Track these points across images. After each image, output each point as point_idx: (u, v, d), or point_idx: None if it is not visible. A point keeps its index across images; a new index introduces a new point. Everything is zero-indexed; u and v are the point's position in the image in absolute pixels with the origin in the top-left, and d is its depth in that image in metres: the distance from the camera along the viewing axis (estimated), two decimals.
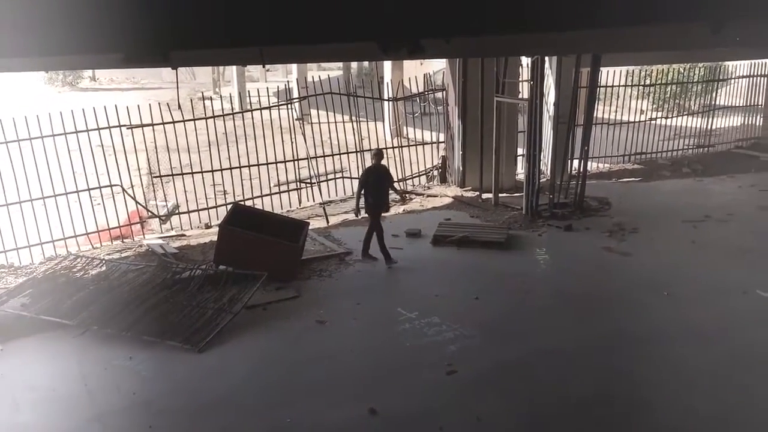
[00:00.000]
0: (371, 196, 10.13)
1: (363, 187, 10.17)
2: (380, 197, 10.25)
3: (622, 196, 14.02)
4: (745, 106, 18.86)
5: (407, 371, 7.33)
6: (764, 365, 7.30)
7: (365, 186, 10.15)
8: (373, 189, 10.14)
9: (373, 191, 10.14)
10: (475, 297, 9.15)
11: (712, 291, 9.18)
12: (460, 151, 14.48)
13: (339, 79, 15.63)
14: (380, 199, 10.26)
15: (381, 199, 10.27)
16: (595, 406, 6.58)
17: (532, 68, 12.36)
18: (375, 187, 10.14)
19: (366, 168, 10.67)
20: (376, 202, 10.18)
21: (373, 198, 10.14)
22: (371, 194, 10.13)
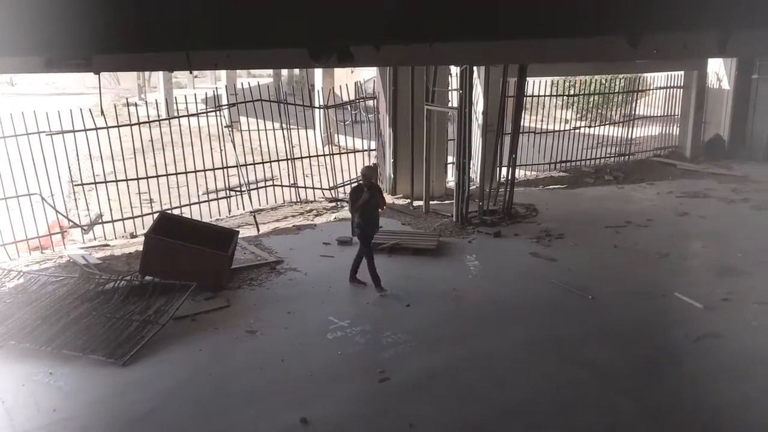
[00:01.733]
0: (361, 218, 9.37)
1: (354, 207, 9.37)
2: (371, 219, 9.47)
3: (549, 202, 14.38)
4: (662, 116, 19.68)
5: (339, 379, 7.29)
6: (680, 364, 7.59)
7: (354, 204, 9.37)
8: (365, 210, 9.35)
9: (364, 212, 9.36)
10: (407, 304, 9.19)
11: (634, 294, 9.50)
12: (391, 159, 14.57)
13: (269, 87, 15.46)
14: (371, 220, 9.47)
15: (372, 221, 9.49)
16: (524, 411, 6.69)
17: (461, 77, 12.55)
18: (366, 208, 9.34)
19: (354, 187, 9.83)
20: (367, 223, 9.41)
21: (363, 220, 9.37)
22: (361, 216, 9.37)
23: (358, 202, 9.29)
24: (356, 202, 9.33)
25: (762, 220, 13.13)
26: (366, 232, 9.44)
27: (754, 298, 9.23)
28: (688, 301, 9.16)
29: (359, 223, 9.38)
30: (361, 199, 9.27)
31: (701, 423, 6.48)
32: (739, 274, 10.20)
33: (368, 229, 9.47)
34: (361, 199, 9.27)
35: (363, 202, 9.27)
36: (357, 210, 9.34)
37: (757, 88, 18.66)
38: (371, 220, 9.46)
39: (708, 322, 8.54)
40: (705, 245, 11.96)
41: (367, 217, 9.39)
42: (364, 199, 9.25)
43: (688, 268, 10.84)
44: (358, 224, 9.39)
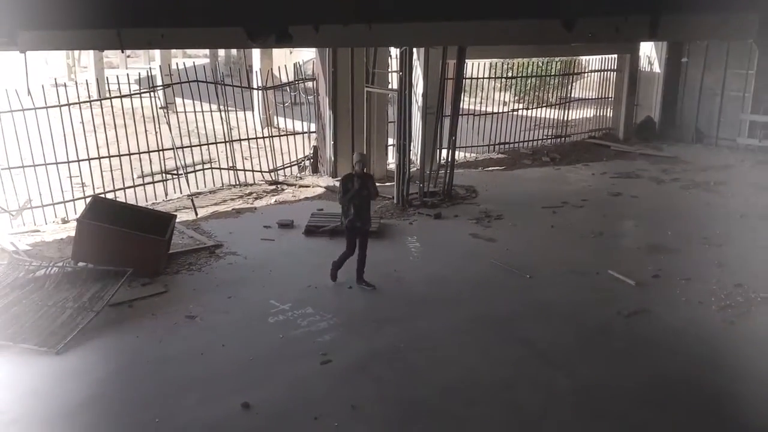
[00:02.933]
0: (353, 208, 8.82)
1: (344, 197, 8.84)
2: (362, 210, 8.93)
3: (488, 184, 14.57)
4: (597, 98, 20.13)
5: (281, 363, 7.27)
6: (613, 339, 7.84)
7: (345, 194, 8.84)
8: (356, 200, 8.81)
9: (355, 200, 8.81)
10: (349, 286, 9.20)
11: (570, 272, 9.75)
12: (332, 141, 14.48)
13: (205, 67, 15.13)
14: (362, 212, 8.93)
15: (363, 213, 8.95)
16: (464, 389, 6.81)
17: (400, 59, 12.54)
18: (358, 198, 8.82)
19: (346, 174, 9.12)
20: (357, 215, 8.86)
21: (354, 209, 8.82)
22: (354, 206, 8.82)
23: (350, 192, 8.78)
24: (347, 191, 8.80)
25: (690, 199, 13.63)
26: (355, 225, 8.89)
27: (681, 274, 9.59)
28: (620, 279, 9.46)
29: (351, 216, 8.82)
30: (353, 189, 8.77)
31: (633, 396, 6.72)
32: (668, 251, 10.58)
33: (357, 222, 8.90)
34: (353, 188, 8.77)
35: (354, 192, 8.78)
36: (348, 201, 8.81)
37: (687, 71, 19.26)
38: (362, 212, 8.92)
39: (639, 299, 8.85)
40: (637, 224, 12.35)
41: (358, 207, 8.85)
42: (355, 189, 8.77)
43: (620, 246, 11.17)
44: (349, 216, 8.83)
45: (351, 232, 8.95)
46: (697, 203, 13.34)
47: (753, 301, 8.75)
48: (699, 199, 13.58)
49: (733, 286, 9.16)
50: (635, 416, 6.40)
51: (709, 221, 12.07)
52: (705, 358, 7.45)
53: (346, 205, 8.86)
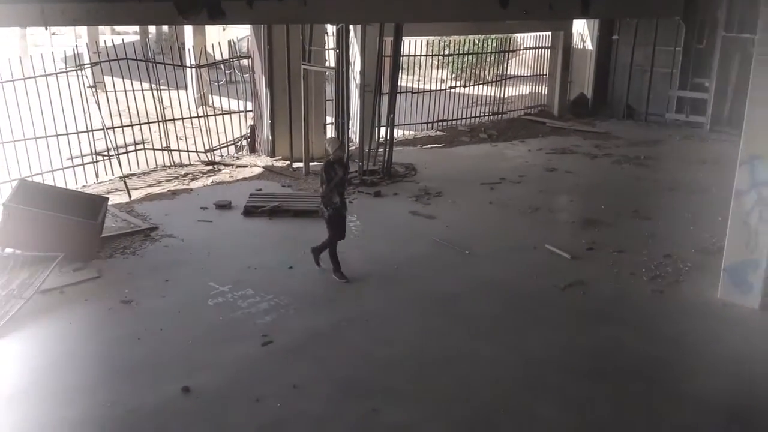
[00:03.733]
0: (338, 196, 8.52)
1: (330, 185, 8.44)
2: (344, 197, 8.71)
3: (427, 161, 14.65)
4: (532, 75, 20.42)
5: (221, 345, 7.18)
6: (551, 311, 8.04)
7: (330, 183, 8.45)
8: (339, 187, 8.56)
9: (339, 188, 8.55)
10: (290, 266, 9.13)
11: (508, 248, 9.92)
12: (269, 120, 14.28)
13: (135, 45, 14.64)
14: (343, 198, 8.69)
15: (345, 200, 8.74)
16: (407, 366, 6.87)
17: (337, 36, 12.43)
18: (340, 185, 8.57)
19: (327, 161, 8.64)
20: (343, 201, 8.62)
21: (339, 197, 8.55)
22: (338, 193, 8.52)
23: (334, 180, 8.45)
24: (332, 179, 8.45)
25: (622, 174, 14.02)
26: (341, 213, 8.63)
27: (613, 246, 9.88)
28: (557, 252, 9.68)
29: (336, 203, 8.51)
30: (337, 176, 8.47)
31: (572, 366, 6.91)
32: (602, 225, 10.88)
33: (344, 210, 8.67)
34: (337, 175, 8.47)
35: (339, 179, 8.49)
36: (333, 189, 8.48)
37: (617, 49, 19.73)
38: (344, 199, 8.72)
39: (574, 271, 9.08)
40: (572, 199, 12.64)
41: (340, 195, 8.59)
42: (340, 176, 8.49)
43: (556, 221, 11.42)
44: (336, 205, 8.53)
45: (337, 219, 8.61)
46: (629, 177, 13.74)
47: (681, 271, 9.08)
48: (630, 174, 13.99)
49: (662, 257, 9.49)
50: (574, 385, 6.58)
51: (639, 195, 12.46)
52: (636, 326, 7.72)
53: (331, 193, 8.49)
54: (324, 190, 8.56)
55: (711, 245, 9.81)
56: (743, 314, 7.90)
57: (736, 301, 8.08)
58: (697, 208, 11.57)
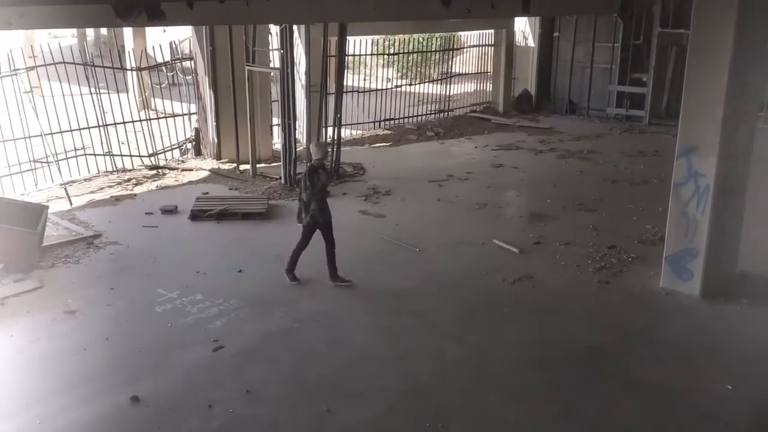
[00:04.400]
0: (316, 203, 8.25)
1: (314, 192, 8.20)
2: (325, 204, 8.45)
3: (375, 160, 14.67)
4: (476, 73, 20.65)
5: (171, 353, 7.05)
6: (500, 306, 8.15)
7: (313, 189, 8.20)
8: (319, 194, 8.30)
9: (318, 195, 8.29)
10: (239, 270, 9.03)
11: (457, 244, 10.01)
12: (214, 123, 14.08)
13: (73, 48, 14.22)
14: (325, 206, 8.44)
15: (326, 207, 8.46)
16: (360, 365, 6.87)
17: (281, 37, 12.32)
18: (321, 192, 8.34)
19: (310, 166, 8.47)
20: (321, 210, 8.34)
21: (318, 204, 8.28)
22: (316, 200, 8.26)
23: (317, 186, 8.21)
24: (315, 186, 8.20)
25: (566, 168, 14.29)
26: (318, 221, 8.37)
27: (560, 239, 10.07)
28: (505, 247, 9.81)
29: (314, 211, 8.27)
30: (320, 182, 8.24)
31: (521, 357, 7.03)
32: (548, 218, 11.08)
33: (322, 217, 8.40)
34: (320, 182, 8.24)
35: (322, 186, 8.28)
36: (315, 195, 8.24)
37: (558, 45, 20.11)
38: (325, 205, 8.46)
39: (523, 265, 9.22)
40: (518, 194, 12.83)
41: (320, 201, 8.36)
42: (323, 182, 8.28)
43: (504, 216, 11.57)
44: (313, 213, 8.27)
45: (312, 228, 8.42)
46: (573, 171, 14.01)
47: (625, 261, 9.31)
48: (574, 168, 14.27)
49: (607, 248, 9.72)
50: (523, 376, 6.69)
51: (583, 188, 12.73)
52: (584, 316, 7.90)
53: (311, 200, 8.25)
54: (306, 197, 8.28)
55: (653, 235, 10.09)
56: (685, 301, 8.15)
57: (678, 289, 8.32)
58: (639, 199, 11.89)
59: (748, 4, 7.58)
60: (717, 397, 6.35)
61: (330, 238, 8.54)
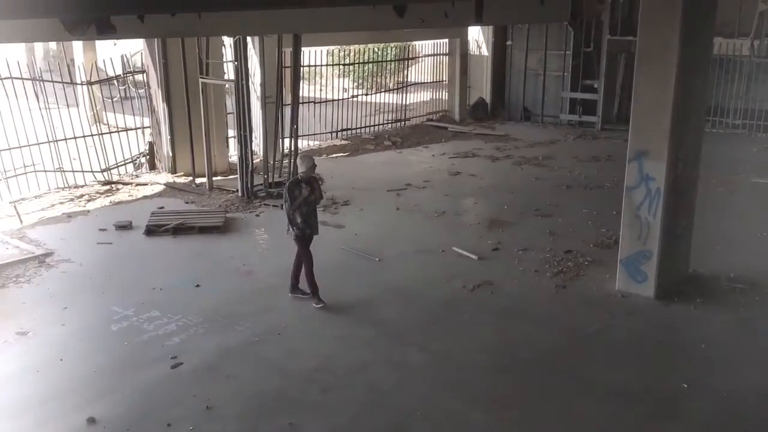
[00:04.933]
0: (300, 216, 8.16)
1: (293, 205, 8.09)
2: (312, 217, 8.31)
3: (333, 171, 14.64)
4: (432, 82, 20.81)
5: (128, 372, 6.91)
6: (461, 312, 8.19)
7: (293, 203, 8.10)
8: (304, 207, 8.18)
9: (303, 209, 8.18)
10: (197, 285, 8.90)
11: (417, 252, 10.04)
12: (168, 136, 13.90)
13: (19, 63, 13.90)
14: (312, 219, 8.31)
15: (313, 221, 8.33)
16: (320, 377, 6.83)
17: (234, 48, 12.24)
18: (305, 205, 8.18)
19: (292, 180, 8.42)
20: (308, 224, 8.23)
21: (302, 218, 8.18)
22: (301, 214, 8.17)
23: (298, 200, 8.08)
24: (296, 199, 8.09)
25: (522, 175, 14.48)
26: (306, 234, 8.27)
27: (518, 245, 10.19)
28: (464, 254, 9.88)
29: (300, 225, 8.17)
30: (302, 196, 8.09)
31: (482, 363, 7.07)
32: (506, 225, 11.19)
33: (310, 231, 8.30)
34: (301, 195, 8.09)
35: (303, 199, 8.12)
36: (297, 209, 8.12)
37: (512, 54, 20.40)
38: (312, 219, 8.30)
39: (482, 271, 9.29)
40: (476, 201, 12.93)
41: (306, 214, 8.20)
42: (305, 196, 8.10)
43: (463, 223, 11.64)
44: (299, 226, 8.17)
45: (303, 240, 8.27)
46: (529, 178, 14.20)
47: (582, 265, 9.46)
48: (530, 174, 14.46)
49: (564, 252, 9.86)
50: (485, 382, 6.73)
51: (540, 194, 12.91)
52: (543, 320, 7.99)
53: (293, 214, 8.14)
54: (287, 209, 8.17)
55: (608, 239, 10.27)
56: (640, 303, 8.30)
57: (633, 290, 8.48)
58: (594, 204, 12.10)
59: (691, 12, 7.80)
60: (673, 396, 6.48)
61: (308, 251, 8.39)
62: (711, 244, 9.82)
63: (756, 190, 13.07)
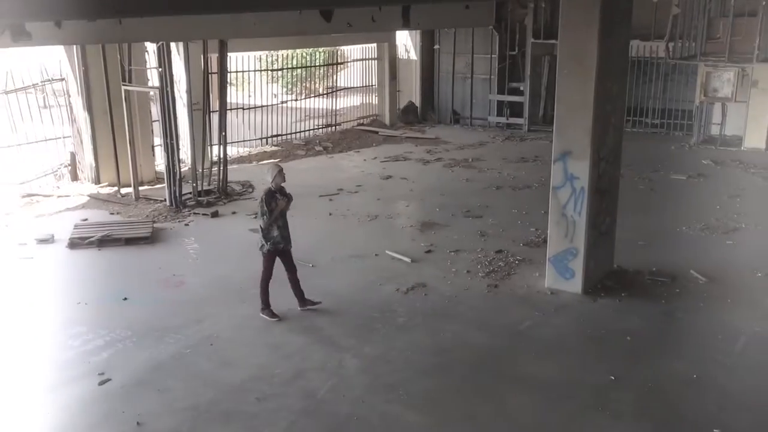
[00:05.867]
0: (276, 229, 7.84)
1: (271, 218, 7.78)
2: (284, 230, 7.99)
3: (264, 177, 14.45)
4: (362, 86, 20.87)
5: (53, 391, 6.66)
6: (395, 316, 8.23)
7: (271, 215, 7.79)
8: (280, 220, 7.86)
9: (279, 221, 7.86)
10: (124, 298, 8.65)
11: (350, 257, 10.03)
12: (91, 145, 13.46)
13: None
14: (285, 231, 7.99)
15: (286, 233, 8.00)
16: (255, 386, 6.74)
17: (158, 54, 11.97)
18: (280, 216, 7.87)
19: (266, 192, 7.95)
20: (283, 234, 7.94)
21: (279, 230, 7.87)
22: (276, 226, 7.84)
23: (275, 212, 7.79)
24: (273, 211, 7.79)
25: (453, 177, 14.66)
26: (279, 248, 7.96)
27: (450, 247, 10.31)
28: (397, 257, 9.93)
29: (277, 239, 7.88)
30: (278, 207, 7.80)
31: (418, 365, 7.11)
32: (438, 227, 11.31)
33: (284, 244, 7.99)
34: (278, 207, 7.80)
35: (280, 211, 7.83)
36: (274, 221, 7.83)
37: (440, 58, 20.66)
38: (285, 231, 7.99)
39: (415, 274, 9.36)
40: (408, 204, 13.02)
41: (281, 226, 7.93)
42: (281, 207, 7.82)
43: (395, 226, 11.70)
44: (274, 240, 7.88)
45: (273, 255, 8.01)
46: (459, 180, 14.39)
47: (512, 264, 9.64)
48: (460, 176, 14.66)
49: (494, 252, 10.03)
50: (421, 383, 6.78)
51: (470, 195, 13.10)
52: (475, 320, 8.10)
53: (270, 226, 7.86)
54: (264, 223, 7.85)
55: (537, 237, 10.51)
56: (568, 299, 8.53)
57: (562, 287, 8.70)
58: (522, 204, 12.37)
59: (609, 17, 8.08)
60: (601, 388, 6.68)
61: (291, 264, 8.20)
62: (634, 240, 10.19)
63: (674, 187, 13.64)
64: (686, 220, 11.28)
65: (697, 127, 17.29)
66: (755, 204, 12.32)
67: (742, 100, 16.33)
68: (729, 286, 8.85)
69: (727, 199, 12.55)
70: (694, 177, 14.13)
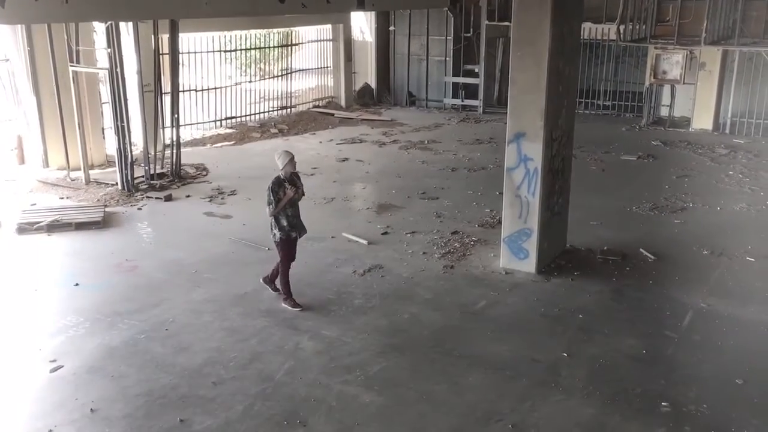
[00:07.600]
0: (285, 218, 7.73)
1: (278, 206, 7.65)
2: (297, 218, 7.86)
3: (218, 160, 14.33)
4: (317, 68, 20.70)
5: (5, 379, 6.52)
6: (352, 297, 8.25)
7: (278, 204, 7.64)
8: (288, 207, 7.74)
9: (288, 210, 7.76)
10: (75, 284, 8.49)
11: (307, 239, 9.84)
12: (39, 128, 13.09)
13: None
14: (298, 220, 7.88)
15: (299, 221, 7.90)
16: (211, 370, 6.70)
17: (107, 35, 11.67)
18: (290, 204, 7.74)
19: (274, 180, 7.77)
20: (293, 225, 7.83)
21: (288, 219, 7.77)
22: (286, 216, 7.74)
23: (283, 201, 7.64)
24: (280, 201, 7.64)
25: (409, 159, 14.70)
26: (290, 236, 7.84)
27: (406, 228, 10.37)
28: (354, 239, 9.94)
29: (286, 228, 7.75)
30: (287, 197, 7.64)
31: (374, 346, 7.15)
32: (394, 209, 11.36)
33: (296, 233, 7.89)
34: (286, 196, 7.64)
35: (289, 199, 7.67)
36: (282, 210, 7.69)
37: (395, 39, 20.62)
38: (297, 220, 7.88)
39: (372, 256, 9.40)
40: (364, 186, 13.03)
41: (291, 216, 7.80)
42: (290, 196, 7.66)
43: (351, 209, 11.70)
44: (285, 228, 7.75)
45: (287, 243, 7.86)
46: (415, 161, 14.45)
47: (468, 245, 9.75)
48: (416, 158, 14.71)
49: (450, 233, 10.12)
50: (377, 364, 6.81)
51: (426, 177, 13.17)
52: (431, 300, 8.18)
53: (278, 216, 7.73)
54: (271, 212, 7.71)
55: (492, 218, 10.64)
56: (522, 279, 8.67)
57: (516, 267, 8.84)
58: (478, 185, 12.49)
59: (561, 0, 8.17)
60: (554, 365, 6.82)
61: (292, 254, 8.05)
62: (586, 220, 10.40)
63: (625, 167, 13.94)
64: (636, 200, 11.55)
65: (647, 108, 17.67)
66: (702, 184, 12.68)
67: (691, 82, 16.74)
68: (677, 264, 9.12)
69: (676, 180, 12.88)
70: (644, 158, 14.45)
